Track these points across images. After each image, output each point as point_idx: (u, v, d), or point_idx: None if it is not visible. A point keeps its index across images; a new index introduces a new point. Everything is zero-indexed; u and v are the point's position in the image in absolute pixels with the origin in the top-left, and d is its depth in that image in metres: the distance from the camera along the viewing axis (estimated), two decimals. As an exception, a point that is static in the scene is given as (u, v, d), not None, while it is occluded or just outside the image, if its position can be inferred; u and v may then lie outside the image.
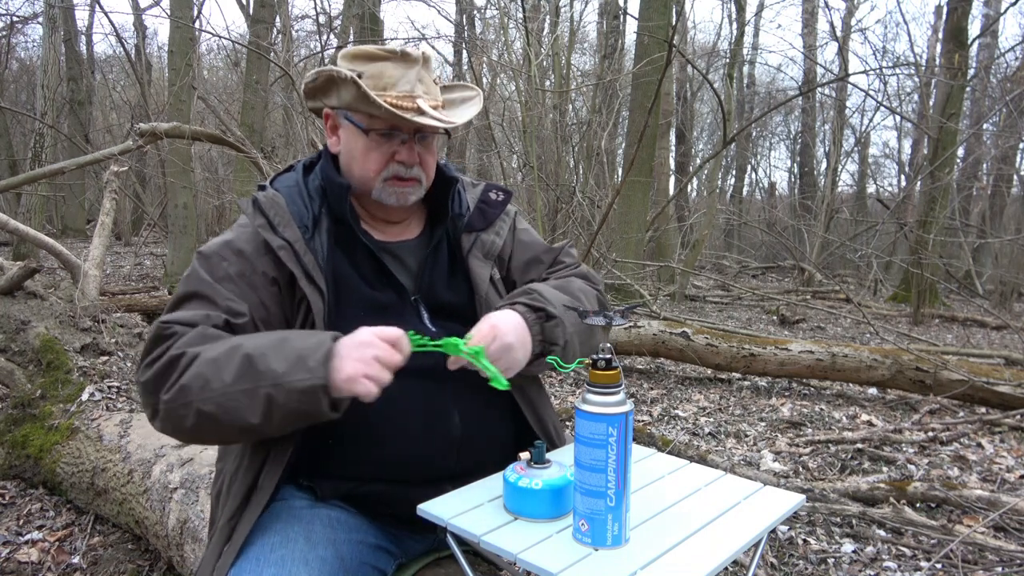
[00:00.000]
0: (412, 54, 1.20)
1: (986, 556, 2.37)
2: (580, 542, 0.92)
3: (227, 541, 1.10)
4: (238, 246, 1.18)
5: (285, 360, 0.99)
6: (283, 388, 0.98)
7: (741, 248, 16.95)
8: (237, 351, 1.02)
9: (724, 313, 9.00)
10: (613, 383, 0.91)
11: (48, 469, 2.46)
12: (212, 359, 1.02)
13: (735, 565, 2.17)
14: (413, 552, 1.24)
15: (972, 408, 4.38)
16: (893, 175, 19.36)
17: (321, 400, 0.99)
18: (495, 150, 8.24)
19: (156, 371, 1.05)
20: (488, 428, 1.21)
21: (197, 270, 1.17)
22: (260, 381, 0.99)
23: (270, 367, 0.99)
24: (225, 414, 1.00)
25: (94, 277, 3.71)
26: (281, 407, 0.99)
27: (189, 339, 1.07)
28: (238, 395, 0.99)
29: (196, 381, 1.01)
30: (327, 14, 13.00)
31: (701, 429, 3.95)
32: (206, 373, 1.01)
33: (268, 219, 1.19)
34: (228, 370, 1.00)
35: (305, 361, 0.99)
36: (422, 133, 1.22)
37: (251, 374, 0.99)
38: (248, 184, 7.97)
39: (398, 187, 1.23)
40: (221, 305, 1.13)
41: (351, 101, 1.18)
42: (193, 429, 1.04)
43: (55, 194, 13.19)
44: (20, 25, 15.07)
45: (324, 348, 1.00)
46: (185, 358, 1.04)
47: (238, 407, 1.00)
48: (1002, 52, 12.49)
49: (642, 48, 7.33)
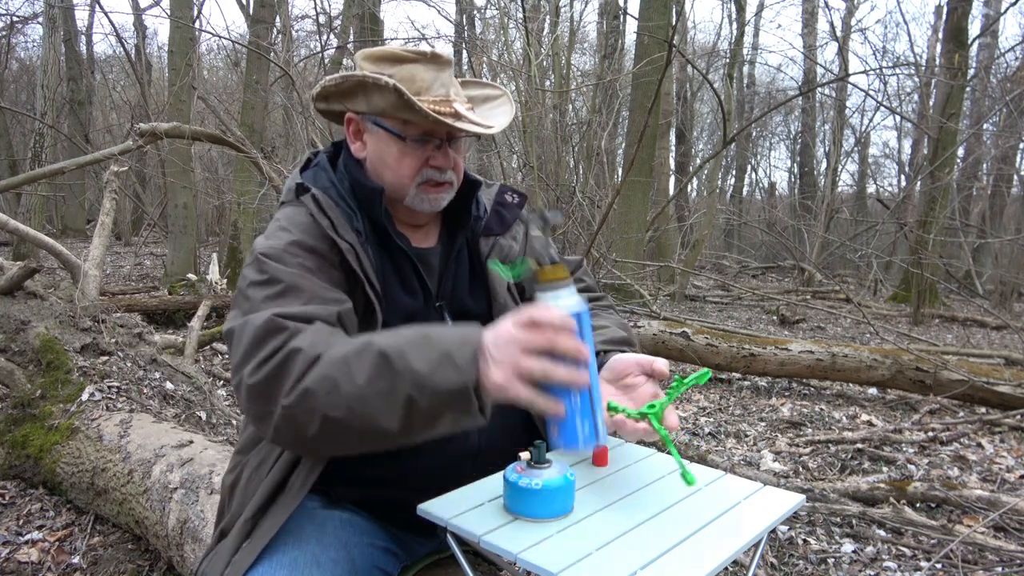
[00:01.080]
0: (443, 56, 1.16)
1: (986, 556, 2.37)
2: (557, 449, 0.93)
3: (247, 537, 1.07)
4: (310, 244, 1.10)
5: (428, 358, 0.88)
6: (427, 389, 0.87)
7: (741, 248, 16.95)
8: (369, 348, 0.90)
9: (724, 313, 9.00)
10: (564, 279, 0.89)
11: (48, 469, 2.46)
12: (340, 358, 0.91)
13: (735, 565, 2.17)
14: (417, 554, 1.25)
15: (972, 408, 4.38)
16: (893, 175, 19.39)
17: (472, 401, 0.87)
18: (495, 150, 8.24)
19: (269, 372, 0.93)
20: (504, 440, 1.20)
21: (274, 266, 1.06)
22: (399, 382, 0.87)
23: (412, 367, 0.87)
24: (357, 420, 0.89)
25: (94, 277, 3.71)
26: (424, 411, 0.88)
27: (305, 336, 0.96)
28: (372, 398, 0.88)
29: (323, 384, 0.90)
30: (327, 14, 13.01)
31: (701, 429, 3.95)
32: (334, 375, 0.90)
33: (331, 220, 1.13)
34: (360, 370, 0.89)
35: (452, 359, 0.87)
36: (454, 136, 1.19)
37: (388, 375, 0.88)
38: (248, 184, 7.98)
39: (432, 192, 1.20)
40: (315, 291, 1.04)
41: (387, 108, 1.13)
42: (316, 438, 0.92)
43: (55, 194, 13.20)
44: (20, 25, 15.08)
45: (472, 344, 0.88)
46: (303, 357, 0.93)
47: (373, 413, 0.88)
48: (1002, 52, 12.50)
49: (642, 48, 7.33)
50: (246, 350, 0.98)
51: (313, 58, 11.79)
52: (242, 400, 0.98)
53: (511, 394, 0.86)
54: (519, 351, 0.85)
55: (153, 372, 3.06)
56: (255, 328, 0.98)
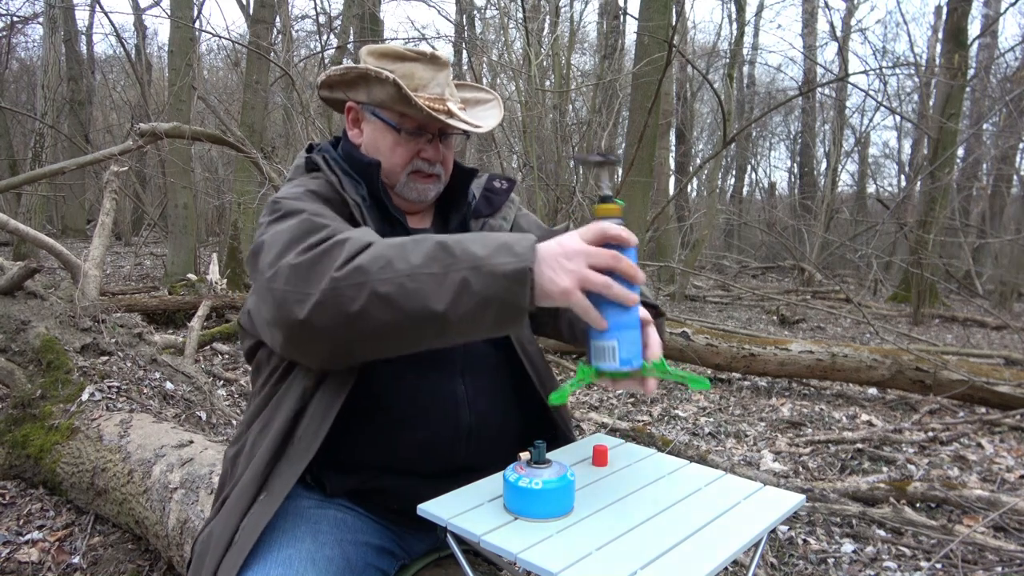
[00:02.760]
0: (441, 58, 1.25)
1: (986, 556, 2.37)
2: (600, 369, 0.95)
3: (260, 490, 1.07)
4: (323, 194, 1.17)
5: (486, 245, 0.91)
6: (483, 270, 0.89)
7: (741, 248, 16.95)
8: (428, 238, 0.94)
9: (724, 313, 9.00)
10: (617, 215, 0.95)
11: (48, 469, 2.46)
12: (396, 243, 0.94)
13: (735, 565, 2.17)
14: (415, 552, 1.25)
15: (972, 408, 4.38)
16: (893, 175, 19.40)
17: (526, 289, 0.89)
18: (495, 150, 8.24)
19: (318, 253, 0.95)
20: (498, 419, 1.22)
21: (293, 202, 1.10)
22: (455, 264, 0.90)
23: (468, 250, 0.91)
24: (405, 297, 0.90)
25: (94, 277, 3.71)
26: (476, 294, 0.89)
27: (353, 231, 0.99)
28: (425, 277, 0.90)
29: (376, 262, 0.91)
30: (327, 14, 13.02)
31: (701, 429, 3.95)
32: (388, 254, 0.92)
33: (339, 179, 1.21)
34: (416, 253, 0.91)
35: (511, 247, 0.91)
36: (445, 132, 1.28)
37: (444, 257, 0.90)
38: (248, 184, 7.98)
39: (420, 182, 1.28)
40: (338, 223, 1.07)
41: (385, 99, 1.22)
42: (360, 315, 0.91)
43: (55, 194, 13.20)
44: (20, 25, 15.09)
45: (531, 239, 0.92)
46: (353, 242, 0.95)
47: (422, 289, 0.90)
48: (1002, 52, 12.51)
49: (642, 48, 7.32)
50: (285, 243, 0.99)
51: (313, 58, 11.79)
52: (279, 284, 0.95)
53: (572, 299, 0.89)
54: (585, 261, 0.89)
55: (153, 372, 3.06)
56: (291, 227, 1.01)
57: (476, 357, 1.23)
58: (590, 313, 0.91)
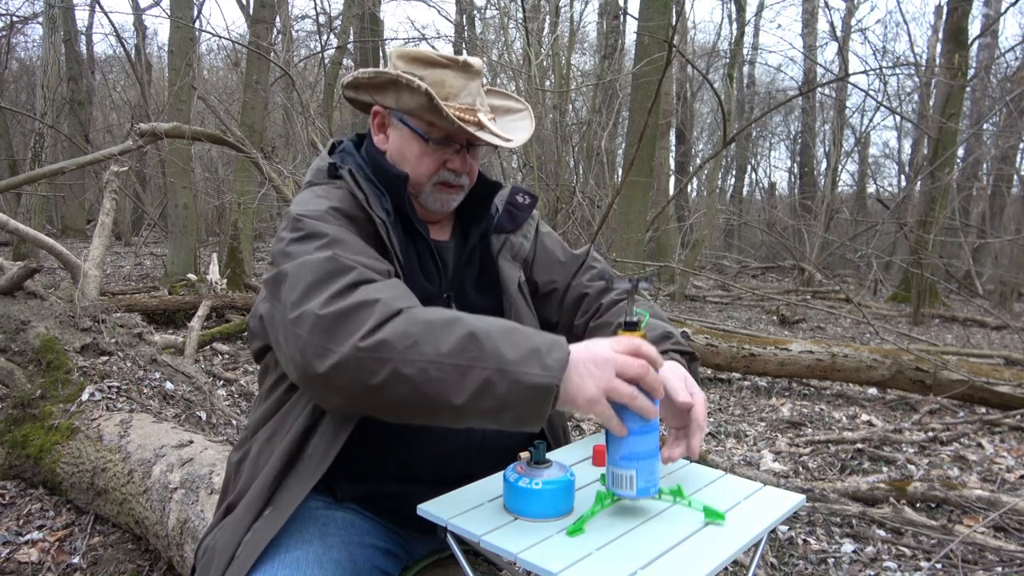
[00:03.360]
0: (474, 66, 1.22)
1: (986, 556, 2.37)
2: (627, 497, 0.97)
3: (266, 504, 1.07)
4: (348, 212, 1.12)
5: (516, 348, 0.89)
6: (509, 375, 0.87)
7: (741, 248, 16.95)
8: (458, 322, 0.91)
9: (724, 313, 9.00)
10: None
11: (48, 469, 2.46)
12: (425, 321, 0.91)
13: (735, 565, 2.17)
14: (418, 554, 1.25)
15: (972, 408, 4.38)
16: (893, 175, 19.41)
17: (548, 403, 0.88)
18: (495, 150, 8.24)
19: (345, 308, 0.92)
20: (508, 434, 1.19)
21: (315, 223, 1.07)
22: (481, 361, 0.88)
23: (498, 351, 0.88)
24: (427, 383, 0.89)
25: (94, 277, 3.72)
26: (498, 397, 0.88)
27: (382, 288, 0.96)
28: (449, 368, 0.88)
29: (403, 340, 0.89)
30: (327, 14, 13.03)
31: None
32: (417, 334, 0.90)
33: (366, 195, 1.16)
34: (445, 339, 0.89)
35: (541, 356, 0.88)
36: (473, 143, 1.24)
37: (473, 351, 0.88)
38: (248, 184, 7.98)
39: (445, 193, 1.25)
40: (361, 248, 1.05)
41: (415, 108, 1.18)
42: (378, 388, 0.90)
43: (55, 194, 13.20)
44: (20, 25, 15.08)
45: (563, 349, 0.89)
46: (383, 306, 0.92)
47: (445, 380, 0.88)
48: (1002, 52, 12.51)
49: (642, 48, 7.32)
50: (310, 284, 0.97)
51: (313, 58, 11.79)
52: (303, 331, 0.94)
53: (596, 408, 0.89)
54: (615, 371, 0.89)
55: (153, 372, 3.06)
56: (315, 265, 0.98)
57: None
58: (612, 421, 0.91)
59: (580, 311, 1.36)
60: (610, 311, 1.30)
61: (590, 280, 1.38)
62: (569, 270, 1.39)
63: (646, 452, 0.96)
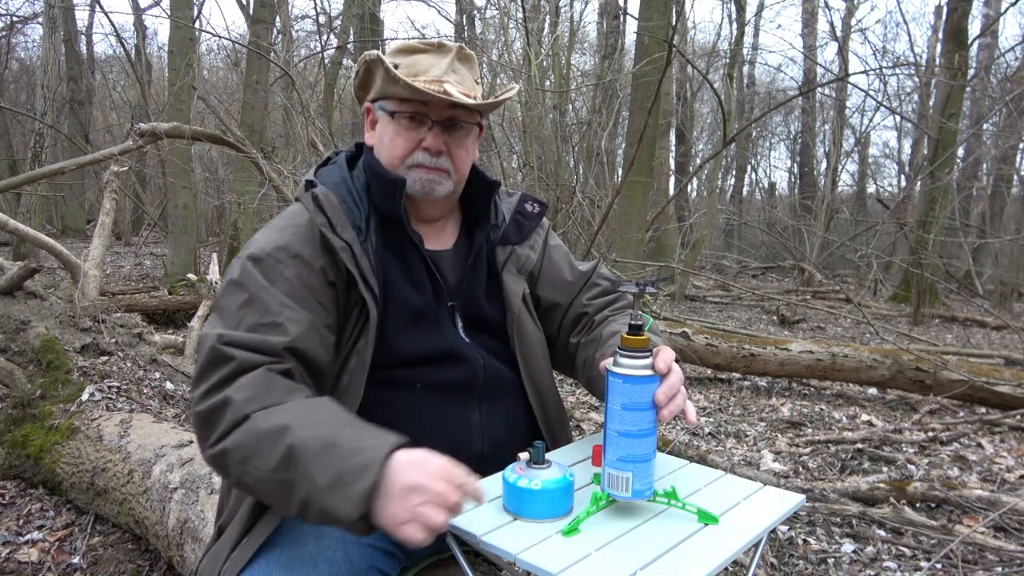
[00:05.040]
0: (447, 44, 1.23)
1: (986, 556, 2.37)
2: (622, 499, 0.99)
3: (245, 534, 1.08)
4: (295, 249, 1.13)
5: (326, 472, 0.89)
6: (318, 503, 0.90)
7: (741, 248, 16.94)
8: (283, 437, 0.93)
9: (724, 313, 9.00)
10: (644, 347, 0.98)
11: (48, 469, 2.46)
12: (258, 434, 0.95)
13: (735, 565, 2.17)
14: (417, 555, 1.25)
15: (972, 408, 4.38)
16: (893, 175, 19.40)
17: (355, 528, 0.90)
18: (495, 150, 8.24)
19: (209, 409, 1.00)
20: (510, 446, 1.20)
21: (251, 272, 1.10)
22: (297, 483, 0.91)
23: (310, 474, 0.90)
24: (263, 495, 0.98)
25: (94, 277, 3.71)
26: (318, 516, 0.91)
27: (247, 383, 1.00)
28: (276, 485, 0.93)
29: (238, 452, 0.96)
30: (327, 14, 13.03)
31: (701, 429, 3.95)
32: (249, 447, 0.95)
33: (328, 218, 1.14)
34: (271, 456, 0.93)
35: (346, 488, 0.87)
36: (451, 122, 1.20)
37: (291, 471, 0.92)
38: (248, 184, 7.98)
39: (424, 174, 1.20)
40: (274, 310, 1.07)
41: (381, 85, 1.20)
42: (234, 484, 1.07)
43: (55, 194, 13.20)
44: (20, 25, 15.08)
45: (370, 478, 0.87)
46: (233, 411, 0.98)
47: (274, 493, 0.95)
48: (1002, 52, 12.51)
49: (642, 48, 7.31)
50: (199, 371, 1.05)
51: (313, 58, 11.79)
52: (192, 415, 1.05)
53: (403, 534, 0.86)
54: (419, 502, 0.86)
55: (153, 372, 3.06)
56: (206, 351, 1.05)
57: (496, 384, 1.24)
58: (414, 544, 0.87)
59: (577, 329, 1.36)
60: (599, 326, 1.30)
61: (591, 298, 1.37)
62: (574, 288, 1.38)
63: (643, 455, 0.96)
